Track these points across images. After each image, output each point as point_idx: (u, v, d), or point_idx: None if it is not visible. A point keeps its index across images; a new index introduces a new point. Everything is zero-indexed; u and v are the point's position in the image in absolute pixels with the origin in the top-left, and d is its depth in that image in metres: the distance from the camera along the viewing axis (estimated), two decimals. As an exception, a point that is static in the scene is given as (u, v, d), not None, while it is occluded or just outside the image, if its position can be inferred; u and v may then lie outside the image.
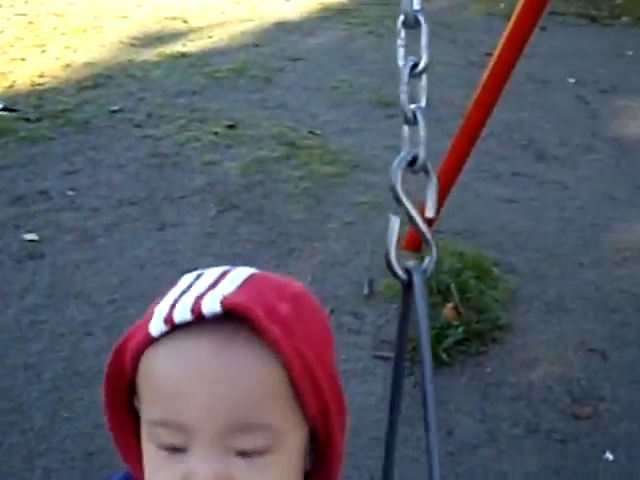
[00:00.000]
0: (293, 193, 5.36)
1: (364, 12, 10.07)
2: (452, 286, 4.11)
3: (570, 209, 5.33)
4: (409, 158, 1.42)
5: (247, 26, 9.37)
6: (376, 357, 3.85)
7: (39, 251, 4.65)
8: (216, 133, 6.29)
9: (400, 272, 1.38)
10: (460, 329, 3.87)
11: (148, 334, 0.96)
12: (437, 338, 3.80)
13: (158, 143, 6.08)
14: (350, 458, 3.27)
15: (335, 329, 3.67)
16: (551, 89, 7.58)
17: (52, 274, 4.47)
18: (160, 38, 8.74)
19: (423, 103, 1.46)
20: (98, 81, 7.24)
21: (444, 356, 3.78)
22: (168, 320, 0.95)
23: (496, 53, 3.68)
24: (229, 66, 7.93)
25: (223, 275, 1.01)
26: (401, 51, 1.44)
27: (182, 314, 0.95)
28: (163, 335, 0.96)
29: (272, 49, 8.59)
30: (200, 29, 9.14)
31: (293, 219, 5.06)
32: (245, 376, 0.94)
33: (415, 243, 4.34)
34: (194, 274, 1.04)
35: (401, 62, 1.44)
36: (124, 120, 6.47)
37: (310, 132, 6.42)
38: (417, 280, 1.38)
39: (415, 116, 1.46)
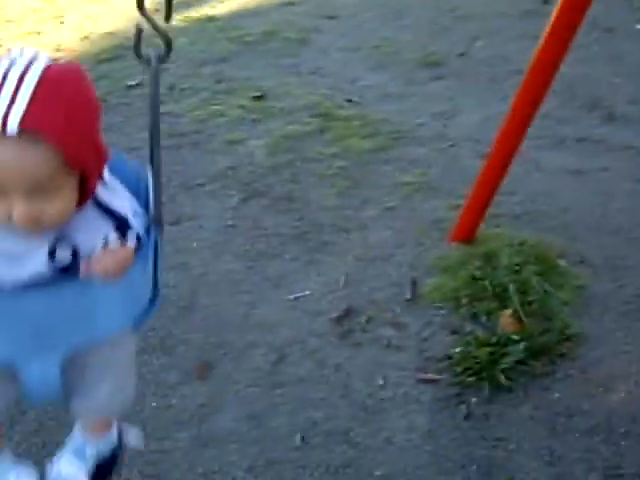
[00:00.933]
0: (326, 174, 4.70)
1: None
2: (511, 287, 3.42)
3: (647, 180, 4.59)
4: None
5: (277, -19, 8.63)
6: (420, 381, 3.19)
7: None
8: (243, 107, 5.63)
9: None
10: (522, 344, 3.18)
11: None
12: (493, 357, 3.13)
13: (178, 121, 5.45)
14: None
15: (372, 343, 3.04)
16: (618, 37, 6.76)
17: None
18: (187, 2, 8.03)
19: None
20: (116, 53, 6.61)
21: (502, 379, 3.10)
22: None
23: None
24: (261, 28, 7.26)
25: (21, 79, 1.38)
26: None
27: None
28: None
29: (307, 7, 7.89)
30: (230, -12, 8.43)
31: (326, 206, 4.41)
32: (34, 167, 1.41)
33: (465, 233, 3.71)
34: (4, 66, 1.40)
35: None
36: (141, 96, 5.83)
37: (347, 100, 5.75)
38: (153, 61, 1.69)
39: None
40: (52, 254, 1.59)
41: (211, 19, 7.61)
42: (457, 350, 3.25)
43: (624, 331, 3.41)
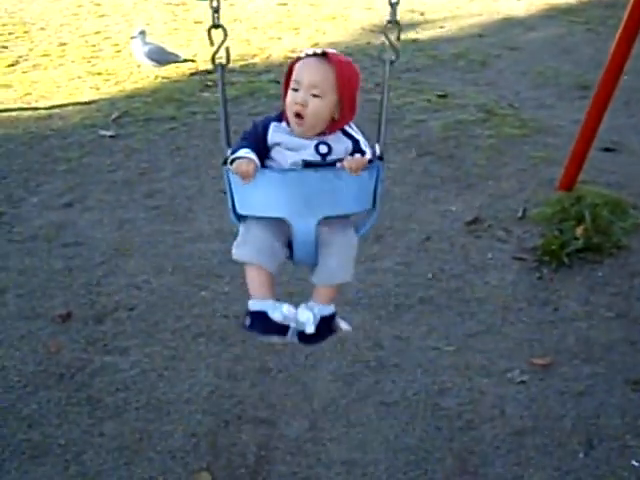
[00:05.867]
0: (481, 146, 6.56)
1: (588, 12, 11.03)
2: (586, 213, 5.17)
3: None
4: None
5: (476, 20, 10.62)
6: (514, 258, 4.99)
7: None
8: (429, 100, 7.59)
9: None
10: (581, 241, 4.94)
11: (299, 57, 2.59)
12: (561, 245, 4.91)
13: (379, 105, 7.44)
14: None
15: (488, 239, 4.92)
16: None
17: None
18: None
19: None
20: (339, 57, 8.70)
21: (565, 259, 4.87)
22: (306, 53, 2.57)
23: None
24: (453, 51, 9.23)
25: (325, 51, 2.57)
26: None
27: (310, 51, 2.57)
28: (303, 58, 2.57)
29: (494, 39, 9.79)
30: (434, 21, 10.49)
31: (476, 164, 6.26)
32: (320, 72, 2.53)
33: (566, 185, 5.47)
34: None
35: None
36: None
37: (509, 105, 7.57)
38: (387, 63, 2.94)
39: None
40: (317, 147, 2.57)
41: (414, 41, 9.67)
42: (540, 242, 5.04)
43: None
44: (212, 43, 2.66)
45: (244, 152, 2.57)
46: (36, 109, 7.53)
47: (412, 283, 4.76)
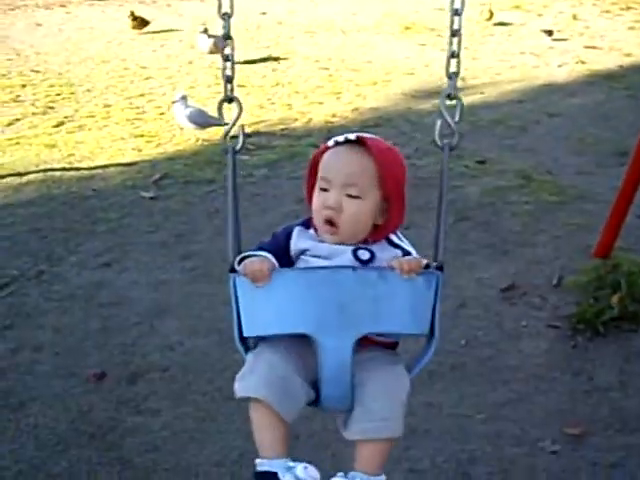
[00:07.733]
0: (517, 213, 6.57)
1: (628, 78, 11.04)
2: (622, 281, 5.14)
3: None
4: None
5: (516, 86, 10.68)
6: (549, 326, 4.97)
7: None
8: (467, 166, 7.62)
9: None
10: (617, 309, 4.90)
11: (326, 146, 2.18)
12: (597, 313, 4.88)
13: (419, 169, 7.50)
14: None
15: (523, 306, 4.89)
16: None
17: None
18: (438, 92, 10.20)
19: None
20: (378, 122, 8.86)
21: (600, 328, 4.83)
22: (335, 141, 2.15)
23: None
24: (492, 117, 9.28)
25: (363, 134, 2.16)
26: None
27: (341, 138, 2.14)
28: (331, 147, 2.16)
29: (534, 105, 9.83)
30: (474, 86, 10.53)
31: (513, 231, 6.26)
32: (357, 164, 2.09)
33: (602, 252, 5.45)
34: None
35: None
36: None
37: (547, 171, 7.58)
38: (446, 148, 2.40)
39: None
40: (355, 252, 2.06)
41: (454, 107, 9.72)
42: (575, 310, 5.01)
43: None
44: (222, 118, 2.30)
45: (257, 253, 2.08)
46: (79, 169, 7.70)
47: (445, 350, 4.72)
